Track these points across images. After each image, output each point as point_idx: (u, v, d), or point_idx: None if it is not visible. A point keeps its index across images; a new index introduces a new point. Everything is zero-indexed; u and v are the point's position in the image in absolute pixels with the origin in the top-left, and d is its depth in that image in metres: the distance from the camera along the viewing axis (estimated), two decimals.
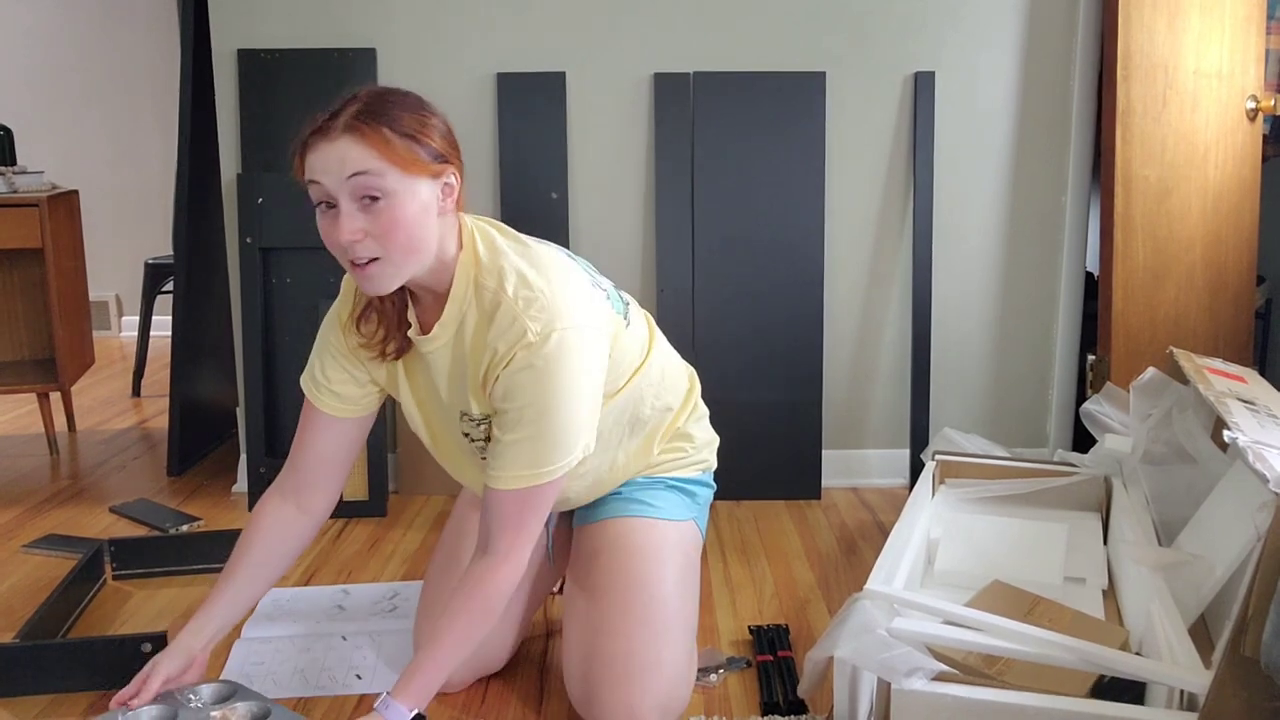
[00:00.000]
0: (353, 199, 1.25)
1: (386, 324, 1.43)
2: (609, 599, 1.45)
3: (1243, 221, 2.43)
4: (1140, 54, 2.29)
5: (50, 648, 1.66)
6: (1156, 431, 1.86)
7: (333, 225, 1.27)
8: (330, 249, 1.30)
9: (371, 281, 1.30)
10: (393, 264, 1.29)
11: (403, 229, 1.27)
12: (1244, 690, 1.07)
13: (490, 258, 1.37)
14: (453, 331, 1.38)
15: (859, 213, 2.57)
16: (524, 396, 1.30)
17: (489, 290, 1.34)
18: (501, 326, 1.31)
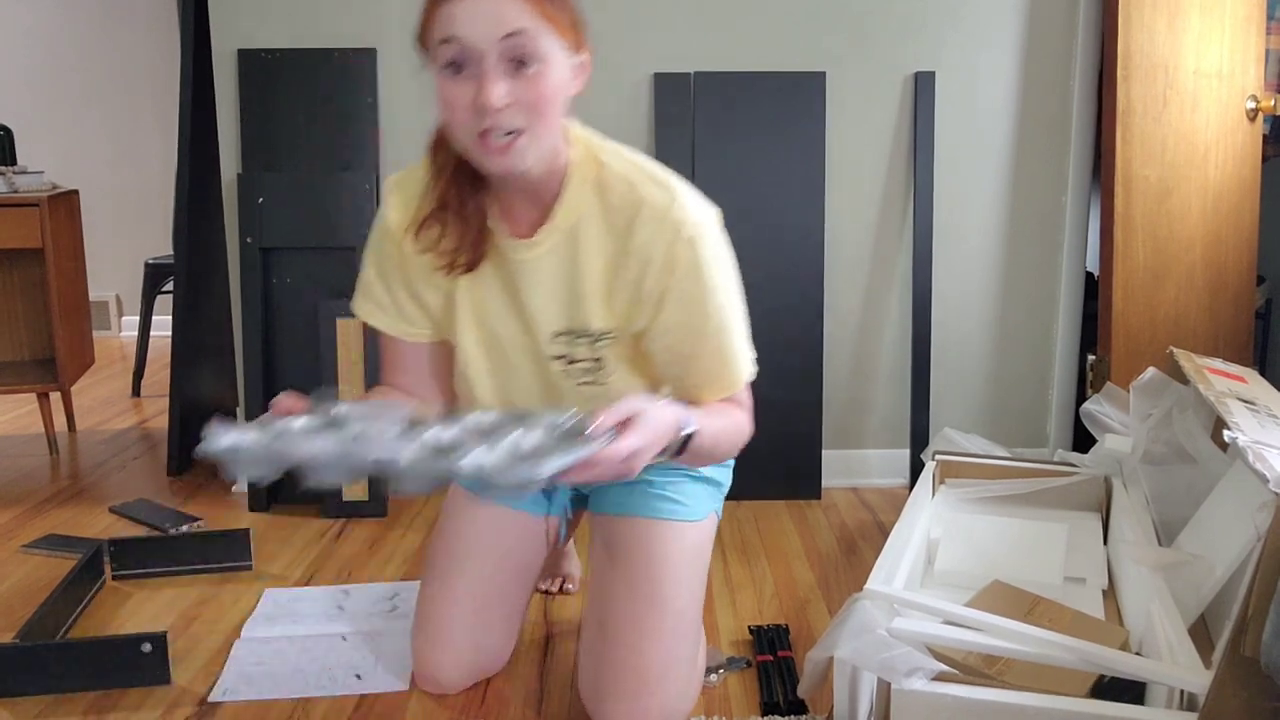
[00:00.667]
0: (502, 60, 1.11)
1: (462, 228, 1.27)
2: (627, 608, 1.40)
3: (1243, 221, 2.43)
4: (1140, 54, 2.29)
5: (50, 648, 1.66)
6: (1156, 431, 1.86)
7: (467, 89, 1.12)
8: (451, 120, 1.16)
9: (512, 157, 1.15)
10: (536, 139, 1.16)
11: (551, 100, 1.14)
12: (1244, 690, 1.07)
13: (608, 158, 1.26)
14: (562, 236, 1.25)
15: (859, 212, 2.57)
16: (701, 298, 1.22)
17: (618, 192, 1.23)
18: (650, 228, 1.21)
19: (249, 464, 1.06)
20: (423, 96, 2.49)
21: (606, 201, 1.23)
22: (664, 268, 1.21)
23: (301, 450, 1.05)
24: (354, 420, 1.12)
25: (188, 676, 1.68)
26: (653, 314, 1.24)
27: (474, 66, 1.11)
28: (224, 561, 2.10)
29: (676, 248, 1.20)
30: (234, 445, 1.07)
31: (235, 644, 1.78)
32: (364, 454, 1.03)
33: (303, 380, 2.51)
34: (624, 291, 1.24)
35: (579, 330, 1.27)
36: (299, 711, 1.58)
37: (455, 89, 1.13)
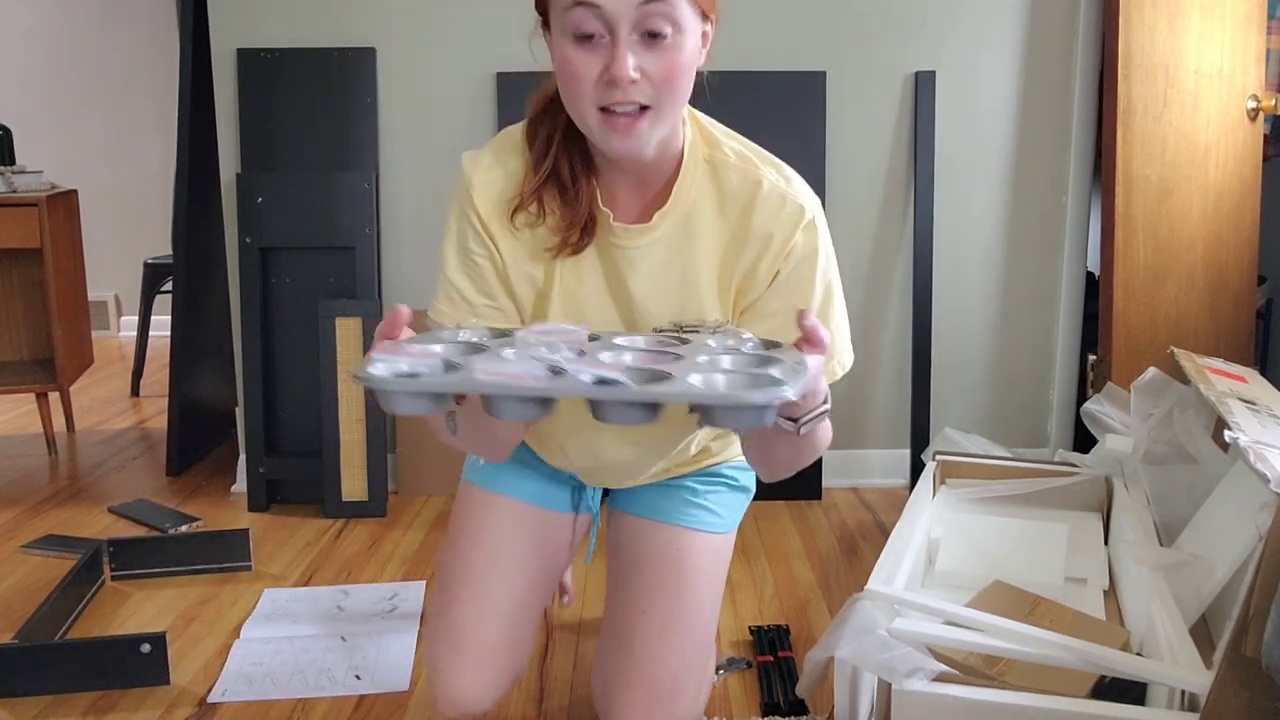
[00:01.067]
0: (635, 29, 1.02)
1: (572, 208, 1.15)
2: (652, 620, 1.33)
3: (1243, 221, 2.43)
4: (1141, 53, 2.29)
5: (49, 648, 1.66)
6: (1157, 431, 1.86)
7: (596, 59, 1.03)
8: (574, 92, 1.06)
9: (638, 138, 1.06)
10: (661, 119, 1.07)
11: (683, 75, 1.07)
12: (1245, 690, 1.07)
13: (721, 136, 1.18)
14: (676, 222, 1.16)
15: (859, 212, 2.56)
16: (810, 285, 1.16)
17: (735, 170, 1.16)
18: (768, 211, 1.14)
19: (416, 395, 0.86)
20: (422, 96, 2.49)
21: (721, 185, 1.16)
22: (780, 252, 1.15)
23: (501, 370, 0.85)
24: (532, 340, 0.94)
25: (187, 677, 1.68)
26: (759, 296, 1.18)
27: (605, 35, 1.02)
28: (223, 562, 2.10)
29: (795, 233, 1.15)
30: (409, 371, 0.88)
31: (234, 644, 1.78)
32: (576, 375, 0.85)
33: (302, 380, 2.51)
34: (737, 278, 1.17)
35: (688, 324, 1.19)
36: (298, 712, 1.57)
37: (582, 58, 1.03)
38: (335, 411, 2.43)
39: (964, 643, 1.27)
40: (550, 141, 1.15)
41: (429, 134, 2.50)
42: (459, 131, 2.49)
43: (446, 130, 2.48)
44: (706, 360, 0.92)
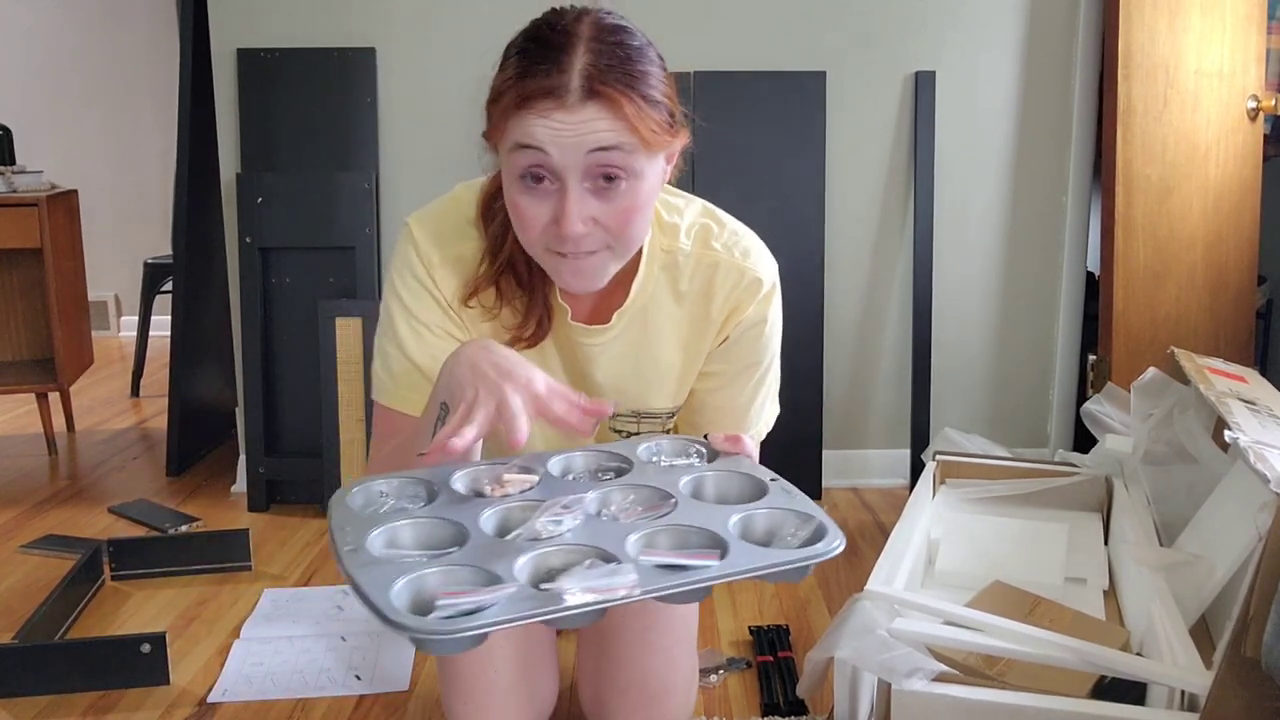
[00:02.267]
0: (586, 177, 0.98)
1: (527, 305, 1.13)
2: (631, 625, 1.31)
3: (1244, 221, 2.43)
4: (1141, 53, 2.29)
5: (49, 648, 1.66)
6: (1157, 431, 1.86)
7: (544, 206, 0.99)
8: (524, 232, 1.03)
9: (586, 278, 1.04)
10: (617, 257, 1.05)
11: (640, 216, 1.02)
12: (1245, 691, 1.07)
13: (674, 217, 1.16)
14: (633, 317, 1.15)
15: (859, 212, 2.56)
16: (755, 351, 1.18)
17: (690, 259, 1.15)
18: (728, 287, 1.14)
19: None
20: (422, 96, 2.49)
21: (676, 278, 1.15)
22: (732, 320, 1.17)
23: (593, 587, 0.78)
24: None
25: (187, 677, 1.68)
26: (718, 367, 1.20)
27: (553, 181, 0.98)
28: (223, 562, 2.10)
29: (750, 306, 1.15)
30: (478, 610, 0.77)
31: (234, 644, 1.78)
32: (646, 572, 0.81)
33: (302, 380, 2.51)
34: (699, 358, 1.18)
35: (648, 411, 1.20)
36: (298, 712, 1.57)
37: (530, 204, 0.99)
38: (335, 411, 2.43)
39: (964, 643, 1.27)
40: (504, 235, 1.11)
41: (429, 134, 2.50)
42: (459, 131, 2.47)
43: (446, 130, 2.48)
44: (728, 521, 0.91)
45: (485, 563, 0.81)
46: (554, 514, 0.86)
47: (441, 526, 0.88)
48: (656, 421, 1.20)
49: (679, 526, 0.87)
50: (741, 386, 1.22)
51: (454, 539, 0.86)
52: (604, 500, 0.93)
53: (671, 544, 0.86)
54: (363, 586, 0.77)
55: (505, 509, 0.90)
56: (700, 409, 1.25)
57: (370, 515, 0.90)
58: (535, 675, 1.31)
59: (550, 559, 0.83)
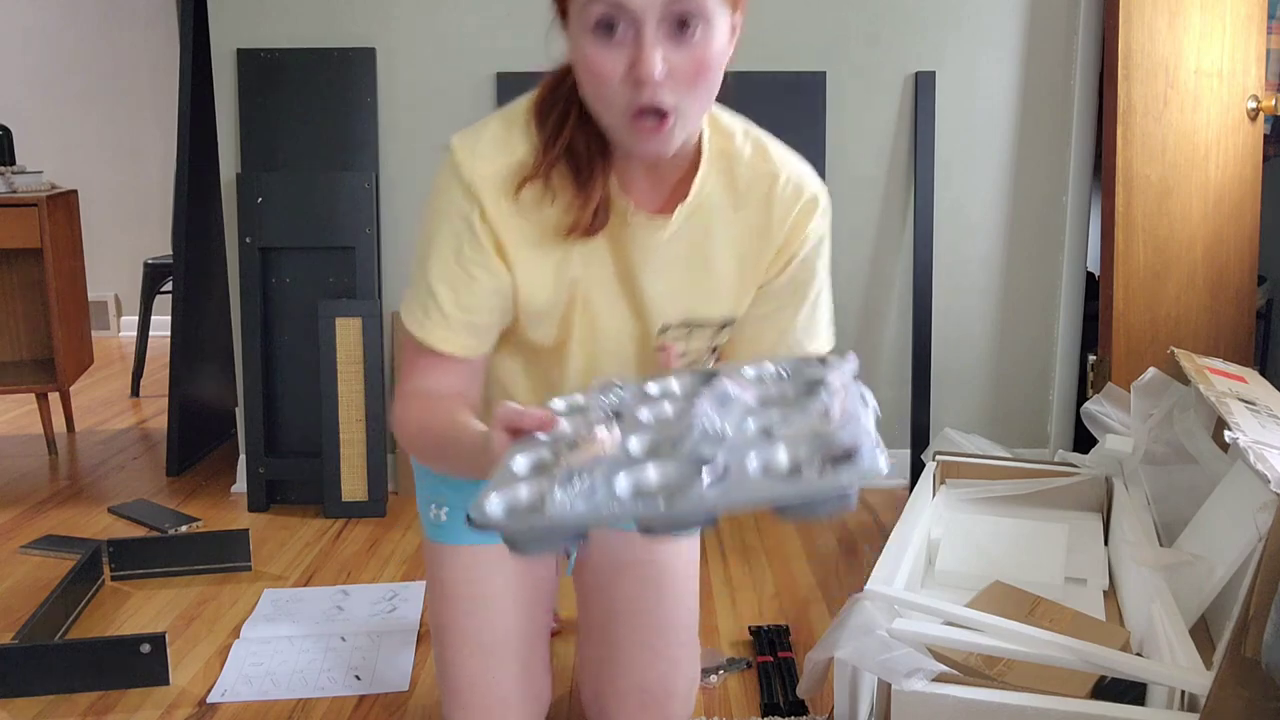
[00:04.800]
0: (661, 21, 0.93)
1: (585, 192, 1.06)
2: (634, 634, 1.31)
3: (1244, 221, 2.43)
4: (1141, 53, 2.29)
5: (49, 648, 1.66)
6: (1157, 432, 1.86)
7: (619, 56, 0.94)
8: (598, 93, 0.97)
9: (664, 143, 0.98)
10: (691, 119, 0.99)
11: (710, 72, 0.97)
12: (1245, 691, 1.07)
13: (730, 121, 1.12)
14: (694, 215, 1.10)
15: (859, 212, 2.56)
16: (813, 270, 1.14)
17: (749, 165, 1.11)
18: (789, 202, 1.11)
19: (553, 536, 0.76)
20: (422, 96, 2.49)
21: (735, 180, 1.10)
22: (795, 237, 1.12)
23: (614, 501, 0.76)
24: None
25: (187, 677, 1.68)
26: (772, 281, 1.14)
27: (629, 29, 0.93)
28: (223, 562, 2.10)
29: (810, 220, 1.11)
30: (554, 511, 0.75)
31: (234, 644, 1.78)
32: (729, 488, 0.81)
33: (302, 380, 2.51)
34: (757, 269, 1.12)
35: (700, 320, 1.13)
36: (298, 712, 1.57)
37: (605, 55, 0.94)
38: (335, 411, 2.43)
39: (964, 643, 1.27)
40: (564, 121, 1.06)
41: (429, 134, 2.50)
42: (459, 131, 2.48)
43: (446, 130, 2.46)
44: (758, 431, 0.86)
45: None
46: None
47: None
48: (707, 333, 1.13)
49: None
50: (800, 305, 1.17)
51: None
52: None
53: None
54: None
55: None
56: (759, 330, 1.17)
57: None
58: (533, 679, 1.30)
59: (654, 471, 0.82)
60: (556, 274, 1.09)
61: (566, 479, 0.76)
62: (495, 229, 1.06)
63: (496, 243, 1.07)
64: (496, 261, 1.07)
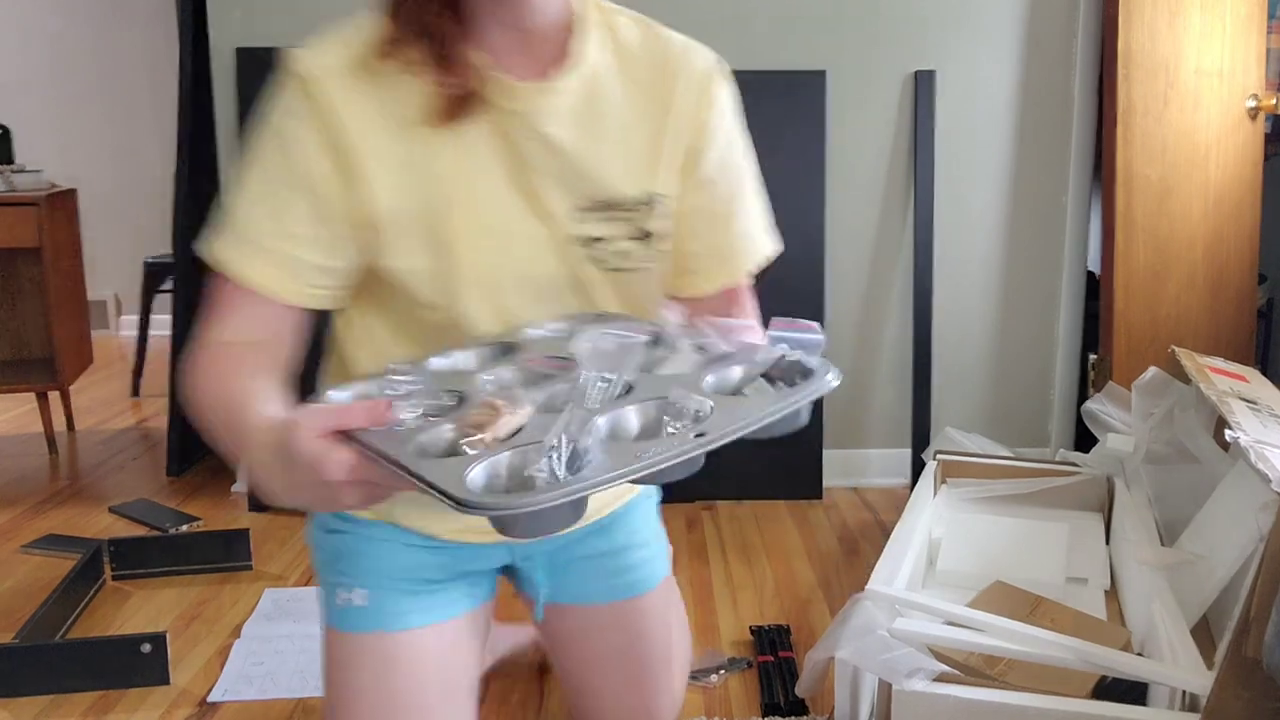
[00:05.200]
0: None
1: (445, 66, 0.90)
2: (607, 675, 1.22)
3: (1244, 220, 2.43)
4: (1141, 53, 2.29)
5: (50, 648, 1.66)
6: (1158, 431, 1.86)
7: None
8: None
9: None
10: None
11: None
12: (1246, 691, 1.07)
13: (608, 2, 1.03)
14: (582, 84, 0.96)
15: (859, 212, 2.56)
16: (735, 145, 1.05)
17: (634, 29, 1.01)
18: (685, 68, 1.01)
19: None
20: None
21: (623, 47, 1.00)
22: (705, 104, 1.00)
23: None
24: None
25: (187, 676, 1.68)
26: (698, 162, 1.01)
27: None
28: (224, 561, 2.10)
29: (713, 84, 1.01)
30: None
31: (235, 644, 1.78)
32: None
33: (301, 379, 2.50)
34: (667, 142, 0.99)
35: (613, 199, 0.96)
36: (299, 711, 1.57)
37: None
38: None
39: (965, 643, 1.27)
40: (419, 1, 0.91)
41: None
42: None
43: None
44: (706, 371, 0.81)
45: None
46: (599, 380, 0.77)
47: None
48: (628, 216, 0.96)
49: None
50: (740, 185, 1.08)
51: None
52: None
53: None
54: (433, 479, 0.65)
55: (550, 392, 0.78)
56: (704, 227, 1.05)
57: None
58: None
59: (627, 421, 0.75)
60: (423, 171, 0.91)
61: (547, 448, 0.67)
62: (339, 124, 0.88)
63: (339, 145, 0.89)
64: (328, 173, 0.88)
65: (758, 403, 0.77)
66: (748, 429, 0.73)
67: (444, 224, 0.92)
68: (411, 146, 0.90)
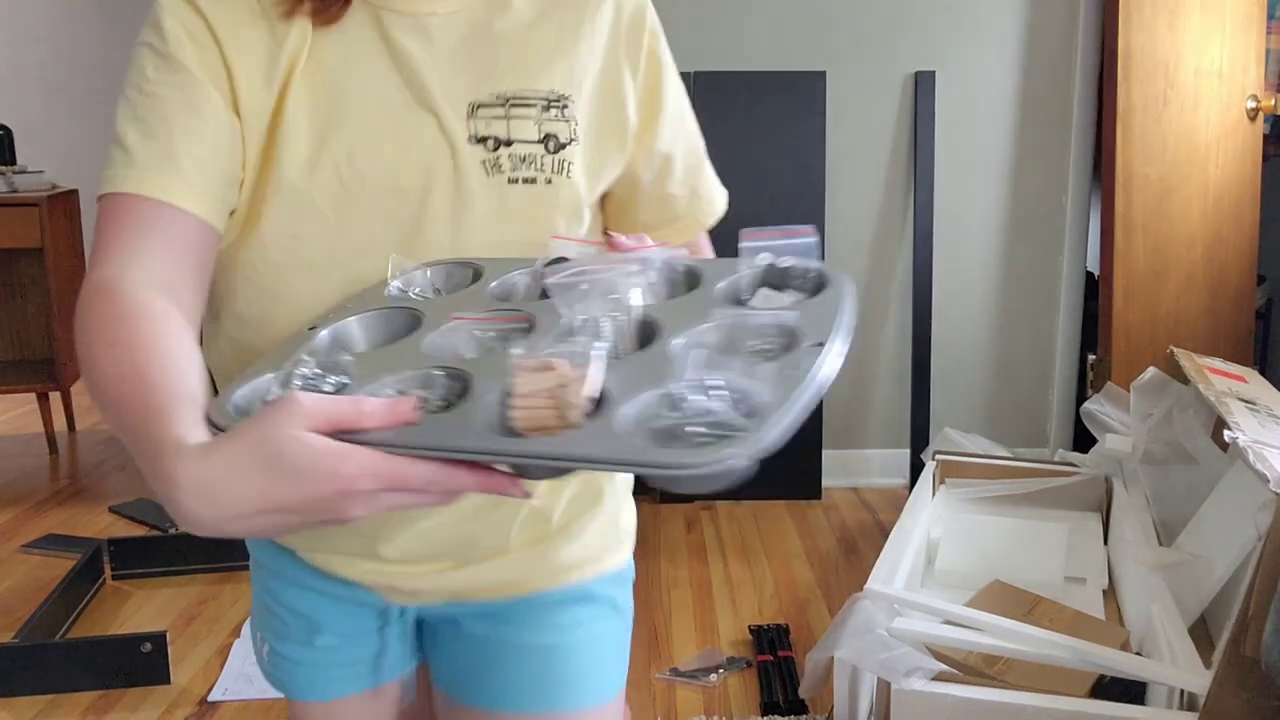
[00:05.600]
0: None
1: None
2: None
3: (1243, 221, 2.43)
4: (1141, 53, 2.29)
5: (49, 648, 1.66)
6: (1157, 431, 1.86)
7: None
8: None
9: None
10: None
11: None
12: (1244, 690, 1.07)
13: None
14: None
15: (859, 212, 2.56)
16: (676, 80, 0.88)
17: None
18: None
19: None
20: None
21: None
22: (648, 31, 0.86)
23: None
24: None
25: (187, 676, 1.68)
26: (660, 96, 0.87)
27: None
28: (224, 561, 2.10)
29: (648, 12, 0.86)
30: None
31: (235, 643, 1.78)
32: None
33: None
34: (582, 38, 0.84)
35: (519, 94, 0.81)
36: None
37: None
38: None
39: (964, 642, 1.27)
40: None
41: None
42: None
43: None
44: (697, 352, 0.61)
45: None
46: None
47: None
48: (533, 114, 0.81)
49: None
50: (669, 121, 0.88)
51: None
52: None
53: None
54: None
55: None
56: (669, 177, 0.90)
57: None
58: None
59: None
60: (294, 61, 0.78)
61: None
62: (206, 14, 0.77)
63: (212, 36, 0.77)
64: (194, 65, 0.77)
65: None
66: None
67: (305, 121, 0.79)
68: (279, 44, 0.78)
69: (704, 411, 0.56)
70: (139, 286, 0.72)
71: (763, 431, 0.53)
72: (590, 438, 0.55)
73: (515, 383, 0.58)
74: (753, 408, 0.55)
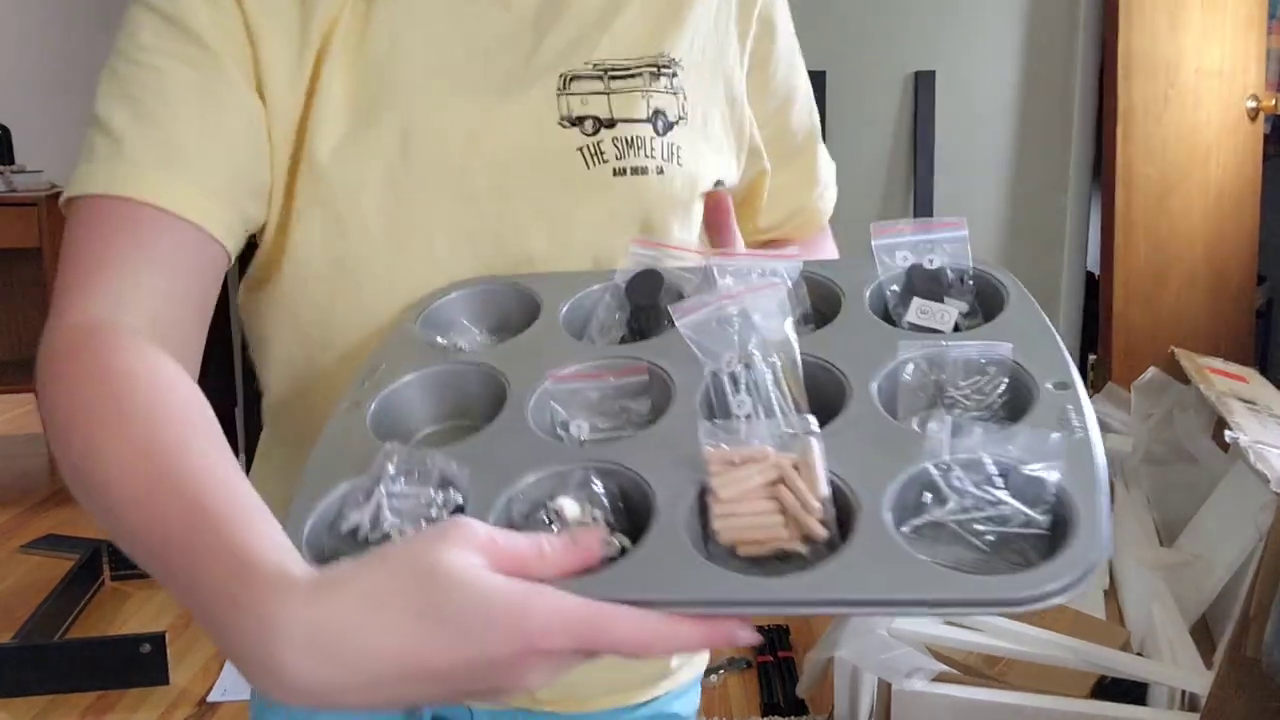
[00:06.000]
0: None
1: None
2: None
3: (1244, 221, 2.43)
4: (1141, 53, 2.29)
5: (49, 648, 1.66)
6: (1158, 431, 1.86)
7: None
8: None
9: None
10: None
11: None
12: (1245, 691, 1.07)
13: None
14: None
15: (859, 213, 2.56)
16: (789, 44, 0.74)
17: None
18: None
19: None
20: None
21: None
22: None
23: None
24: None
25: (187, 676, 1.68)
26: (763, 58, 0.72)
27: None
28: None
29: None
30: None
31: None
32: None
33: None
34: (690, 9, 0.67)
35: (617, 64, 0.65)
36: None
37: None
38: None
39: (964, 642, 1.27)
40: None
41: None
42: None
43: None
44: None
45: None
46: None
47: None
48: (637, 83, 0.64)
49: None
50: (800, 104, 0.76)
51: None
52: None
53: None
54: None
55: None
56: (789, 154, 0.77)
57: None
58: None
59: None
60: (307, 13, 0.61)
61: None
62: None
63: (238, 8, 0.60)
64: (208, 33, 0.61)
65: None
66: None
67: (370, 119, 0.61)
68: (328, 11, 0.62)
69: (985, 504, 0.42)
70: (138, 338, 0.55)
71: (1096, 537, 0.39)
72: (866, 564, 0.39)
73: (714, 483, 0.43)
74: (1039, 493, 0.42)
